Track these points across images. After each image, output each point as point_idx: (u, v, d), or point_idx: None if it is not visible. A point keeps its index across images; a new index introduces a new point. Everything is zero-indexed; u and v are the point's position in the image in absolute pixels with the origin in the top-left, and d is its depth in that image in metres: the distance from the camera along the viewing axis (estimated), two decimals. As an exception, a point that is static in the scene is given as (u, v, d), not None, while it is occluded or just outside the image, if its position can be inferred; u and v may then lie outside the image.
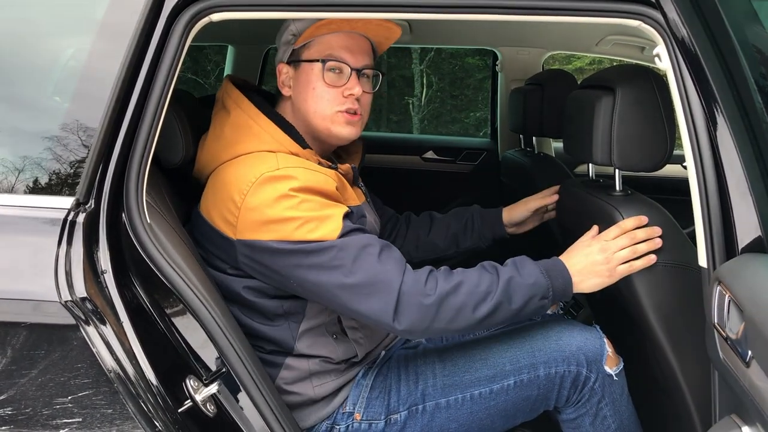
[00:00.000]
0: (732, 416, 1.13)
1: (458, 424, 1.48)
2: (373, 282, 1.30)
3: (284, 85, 1.52)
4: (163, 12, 1.21)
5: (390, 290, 1.30)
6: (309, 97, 1.49)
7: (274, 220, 1.31)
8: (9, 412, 1.03)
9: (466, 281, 1.35)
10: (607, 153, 1.47)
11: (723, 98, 1.15)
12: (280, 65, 1.53)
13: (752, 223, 1.13)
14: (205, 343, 1.25)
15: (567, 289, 1.41)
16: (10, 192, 1.18)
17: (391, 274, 1.31)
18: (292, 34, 1.50)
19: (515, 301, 1.35)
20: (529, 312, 1.38)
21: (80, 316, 1.06)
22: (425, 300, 1.31)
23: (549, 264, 1.42)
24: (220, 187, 1.39)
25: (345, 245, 1.31)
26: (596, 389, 1.48)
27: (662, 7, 1.20)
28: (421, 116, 9.78)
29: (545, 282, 1.38)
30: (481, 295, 1.34)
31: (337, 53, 1.48)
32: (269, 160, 1.37)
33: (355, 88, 1.49)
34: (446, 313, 1.32)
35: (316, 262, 1.30)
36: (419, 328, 1.32)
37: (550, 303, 1.40)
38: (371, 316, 1.32)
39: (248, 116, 1.44)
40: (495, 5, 1.24)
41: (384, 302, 1.30)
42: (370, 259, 1.31)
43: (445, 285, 1.33)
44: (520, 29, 2.82)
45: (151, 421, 1.04)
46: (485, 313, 1.33)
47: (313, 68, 1.48)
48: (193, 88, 7.92)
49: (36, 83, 1.29)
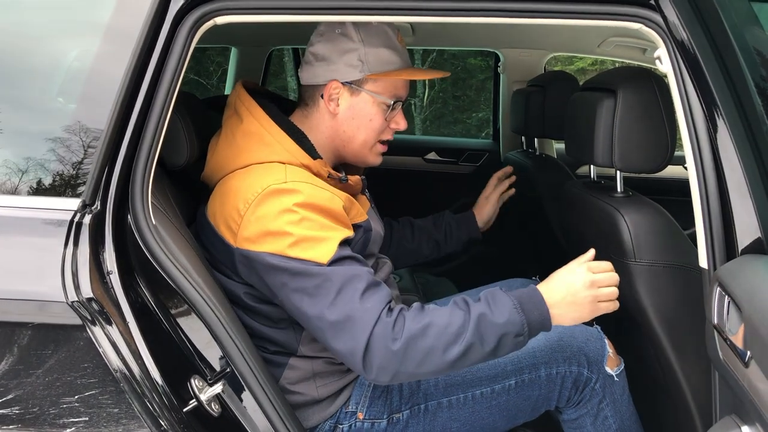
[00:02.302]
0: (732, 416, 1.14)
1: (460, 423, 1.49)
2: (349, 319, 1.26)
3: (331, 100, 1.48)
4: (168, 15, 1.22)
5: (363, 331, 1.25)
6: (363, 125, 1.50)
7: (272, 233, 1.30)
8: (17, 411, 1.05)
9: (435, 322, 1.27)
10: (609, 154, 1.48)
11: (723, 101, 1.16)
12: (335, 82, 1.47)
13: (752, 224, 1.14)
14: (209, 343, 1.25)
15: (545, 323, 1.31)
16: (17, 193, 1.19)
17: (368, 314, 1.26)
18: (359, 60, 1.46)
19: (487, 341, 1.27)
20: (506, 350, 1.30)
21: (86, 317, 1.08)
22: (392, 345, 1.25)
23: (524, 296, 1.32)
24: (228, 194, 1.39)
25: (332, 274, 1.28)
26: (597, 389, 1.49)
27: (662, 10, 1.21)
28: (423, 117, 9.78)
29: (519, 318, 1.28)
30: (452, 336, 1.26)
31: (400, 93, 1.53)
32: (278, 172, 1.37)
33: (402, 122, 1.56)
34: (414, 357, 1.25)
35: (302, 285, 1.29)
36: (387, 373, 1.26)
37: (526, 339, 1.31)
38: (342, 353, 1.28)
39: (260, 125, 1.44)
40: (497, 9, 1.24)
41: (355, 342, 1.26)
42: (353, 295, 1.27)
43: (412, 326, 1.26)
44: (522, 31, 2.82)
45: (156, 421, 1.05)
46: (456, 355, 1.26)
47: (376, 101, 1.49)
48: (195, 89, 7.93)
49: (43, 86, 1.30)
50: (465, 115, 9.99)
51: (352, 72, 1.47)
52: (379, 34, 1.47)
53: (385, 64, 1.47)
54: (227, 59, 3.44)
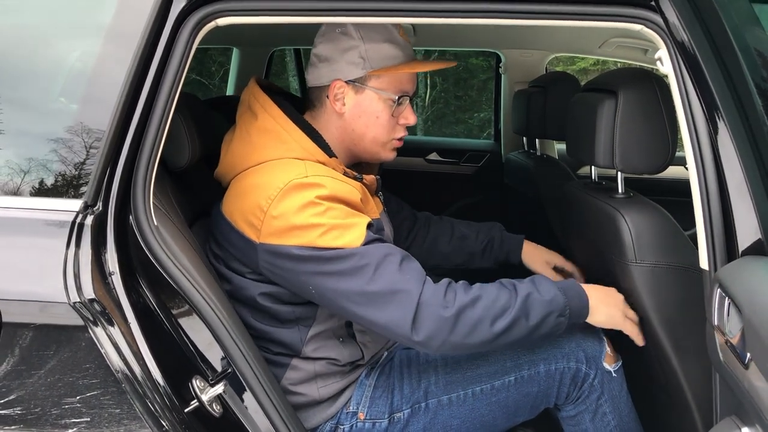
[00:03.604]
0: (732, 417, 1.14)
1: (460, 420, 1.49)
2: (393, 291, 1.29)
3: (336, 100, 1.49)
4: (169, 16, 1.22)
5: (410, 300, 1.29)
6: (371, 123, 1.50)
7: (299, 227, 1.31)
8: (18, 411, 1.05)
9: (484, 295, 1.33)
10: (610, 155, 1.48)
11: (723, 101, 1.16)
12: (338, 82, 1.47)
13: (752, 225, 1.14)
14: (210, 343, 1.26)
15: (583, 311, 1.41)
16: (19, 194, 1.19)
17: (411, 284, 1.30)
18: (361, 57, 1.46)
19: (532, 317, 1.33)
20: (546, 330, 1.36)
21: (88, 317, 1.08)
22: (444, 312, 1.29)
23: (566, 283, 1.42)
24: (247, 191, 1.39)
25: (367, 253, 1.31)
26: (595, 386, 1.50)
27: (663, 12, 1.21)
28: (425, 117, 9.77)
29: (563, 300, 1.37)
30: (499, 309, 1.32)
31: (406, 88, 1.52)
32: (297, 167, 1.37)
33: (411, 117, 1.54)
34: (464, 327, 1.30)
35: (338, 269, 1.30)
36: (436, 340, 1.30)
37: (566, 321, 1.38)
38: (388, 325, 1.30)
39: (276, 122, 1.44)
40: (499, 10, 1.24)
41: (403, 312, 1.28)
42: (392, 267, 1.31)
43: (464, 298, 1.32)
44: (524, 32, 2.83)
45: (158, 421, 1.06)
46: (502, 328, 1.31)
47: (381, 98, 1.49)
48: (197, 89, 7.93)
49: (45, 87, 1.30)
50: (466, 116, 9.98)
51: (354, 70, 1.47)
52: (380, 29, 1.47)
53: (387, 59, 1.47)
54: (229, 59, 3.44)
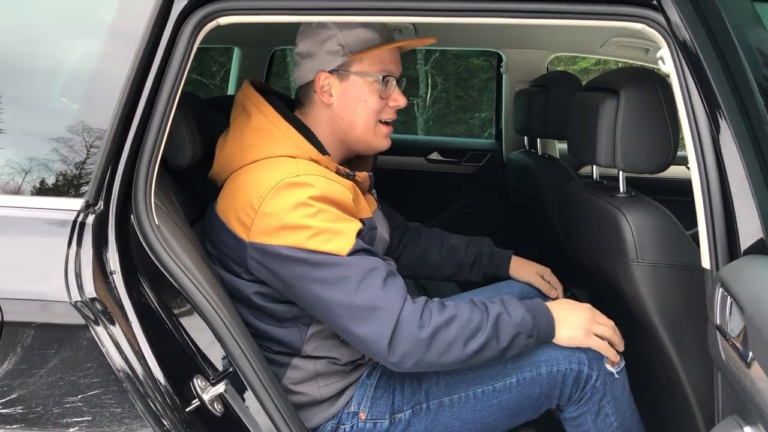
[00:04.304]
0: (734, 417, 1.14)
1: (462, 422, 1.49)
2: (374, 307, 1.30)
3: (324, 92, 1.50)
4: (171, 16, 1.22)
5: (389, 318, 1.29)
6: (359, 108, 1.50)
7: (288, 227, 1.31)
8: (20, 410, 1.05)
9: (458, 315, 1.34)
10: (611, 155, 1.48)
11: (725, 101, 1.16)
12: (322, 73, 1.48)
13: (754, 225, 1.14)
14: (212, 343, 1.26)
15: (550, 331, 1.44)
16: (20, 193, 1.19)
17: (392, 301, 1.31)
18: (339, 45, 1.47)
19: (503, 338, 1.35)
20: (515, 351, 1.39)
21: (89, 316, 1.08)
22: (419, 333, 1.30)
23: (533, 304, 1.44)
24: (240, 189, 1.39)
25: (352, 264, 1.31)
26: (598, 387, 1.49)
27: (665, 11, 1.21)
28: (426, 117, 9.78)
29: (531, 321, 1.39)
30: (472, 330, 1.33)
31: (389, 68, 1.51)
32: (289, 165, 1.38)
33: (401, 99, 1.54)
34: (438, 347, 1.31)
35: (323, 276, 1.31)
36: (410, 359, 1.31)
37: (534, 342, 1.41)
38: (366, 340, 1.31)
39: (269, 120, 1.45)
40: (500, 9, 1.24)
41: (381, 329, 1.29)
42: (375, 282, 1.31)
43: (438, 318, 1.32)
44: (525, 31, 2.82)
45: (159, 420, 1.06)
46: (475, 349, 1.33)
47: (366, 81, 1.49)
48: (198, 89, 7.94)
49: (47, 86, 1.30)
50: (467, 115, 9.99)
51: (335, 58, 1.48)
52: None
53: (365, 42, 1.48)
54: (230, 59, 3.44)
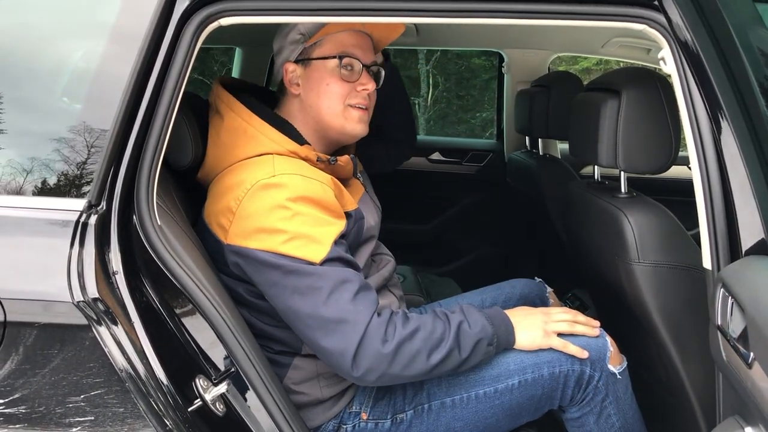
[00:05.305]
0: (735, 417, 1.14)
1: (463, 423, 1.49)
2: (341, 319, 1.29)
3: (292, 83, 1.53)
4: (173, 16, 1.23)
5: (355, 333, 1.29)
6: (322, 93, 1.51)
7: (264, 230, 1.31)
8: (23, 410, 1.05)
9: (422, 327, 1.35)
10: (613, 155, 1.48)
11: (727, 101, 1.16)
12: (288, 64, 1.53)
13: (756, 225, 1.14)
14: (214, 343, 1.26)
15: (510, 337, 1.45)
16: (23, 194, 1.19)
17: (360, 316, 1.30)
18: (300, 34, 1.51)
19: (464, 348, 1.37)
20: (476, 360, 1.41)
21: (92, 317, 1.08)
22: (383, 348, 1.30)
23: (491, 312, 1.46)
24: (219, 193, 1.41)
25: (325, 275, 1.30)
26: (600, 388, 1.49)
27: (666, 11, 1.21)
28: (427, 117, 9.78)
29: (491, 329, 1.41)
30: (435, 341, 1.34)
31: (350, 50, 1.52)
32: (265, 166, 1.38)
33: (369, 83, 1.53)
34: (402, 359, 1.31)
35: (294, 284, 1.30)
36: (374, 373, 1.30)
37: (494, 350, 1.43)
38: (331, 352, 1.30)
39: (242, 119, 1.46)
40: (501, 10, 1.25)
41: (346, 343, 1.28)
42: (346, 296, 1.30)
43: (402, 331, 1.32)
44: (526, 32, 2.83)
45: (161, 420, 1.06)
46: (438, 360, 1.34)
47: (326, 65, 1.50)
48: (199, 89, 7.94)
49: (49, 87, 1.30)
50: (469, 115, 9.98)
51: (296, 47, 1.52)
52: None
53: (321, 25, 1.50)
54: (231, 59, 3.44)
